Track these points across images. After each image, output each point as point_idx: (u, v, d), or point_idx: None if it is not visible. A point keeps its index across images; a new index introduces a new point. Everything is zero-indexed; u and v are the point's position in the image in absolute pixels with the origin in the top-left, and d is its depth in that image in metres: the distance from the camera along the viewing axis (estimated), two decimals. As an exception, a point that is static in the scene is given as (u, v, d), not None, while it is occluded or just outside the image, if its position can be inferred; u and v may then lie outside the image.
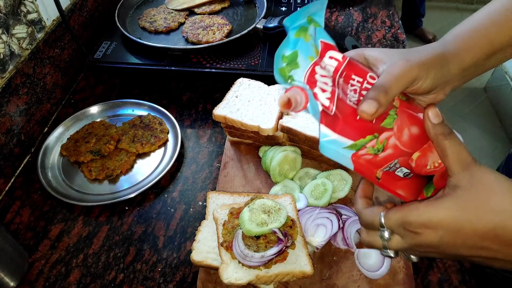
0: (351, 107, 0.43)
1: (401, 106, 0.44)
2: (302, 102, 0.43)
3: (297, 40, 0.44)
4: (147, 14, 0.97)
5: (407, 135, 0.45)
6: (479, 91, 2.44)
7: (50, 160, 0.75)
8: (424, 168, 0.47)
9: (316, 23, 0.46)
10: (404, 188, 0.50)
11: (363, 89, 0.43)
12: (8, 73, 0.73)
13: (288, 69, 0.44)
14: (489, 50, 0.47)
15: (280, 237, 0.52)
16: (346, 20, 1.08)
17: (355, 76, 0.43)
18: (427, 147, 0.46)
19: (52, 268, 0.62)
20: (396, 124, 0.44)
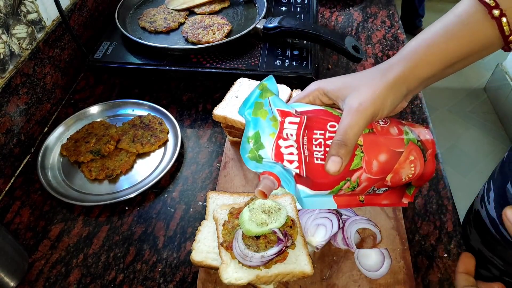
0: (320, 164, 0.46)
1: (365, 141, 0.47)
2: (275, 184, 0.46)
3: (256, 120, 0.48)
4: (147, 14, 0.97)
5: (376, 166, 0.47)
6: (479, 91, 2.44)
7: (50, 160, 0.75)
8: (399, 182, 0.51)
9: (269, 91, 0.48)
10: (387, 198, 0.53)
11: (327, 139, 0.46)
12: (8, 73, 0.73)
13: (256, 150, 0.47)
14: (447, 63, 0.47)
15: (280, 237, 0.52)
16: (346, 20, 1.08)
17: (316, 130, 0.46)
18: (398, 167, 0.48)
19: (52, 268, 0.62)
20: (364, 161, 0.47)
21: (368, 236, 0.61)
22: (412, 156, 0.48)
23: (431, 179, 0.71)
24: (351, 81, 0.48)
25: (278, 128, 0.46)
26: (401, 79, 0.46)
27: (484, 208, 0.74)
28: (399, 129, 0.49)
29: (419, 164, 0.49)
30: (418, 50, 0.47)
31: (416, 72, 0.47)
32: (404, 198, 0.54)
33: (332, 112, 0.48)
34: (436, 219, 0.66)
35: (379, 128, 0.48)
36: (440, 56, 0.47)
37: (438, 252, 0.62)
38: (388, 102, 0.46)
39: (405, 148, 0.48)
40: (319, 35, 0.83)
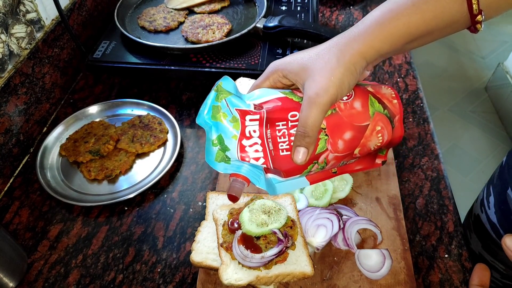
0: (286, 155, 0.47)
1: (328, 124, 0.47)
2: (244, 185, 0.47)
3: (216, 124, 0.47)
4: (146, 13, 0.96)
5: (342, 145, 0.47)
6: (479, 90, 2.43)
7: (49, 160, 0.75)
8: (369, 151, 0.50)
9: (225, 91, 0.48)
10: (359, 164, 0.53)
11: (290, 129, 0.46)
12: (7, 72, 0.73)
13: (223, 151, 0.47)
14: (408, 39, 0.46)
15: (280, 237, 0.51)
16: (346, 19, 1.07)
17: (278, 122, 0.47)
18: (365, 140, 0.48)
19: (51, 268, 0.62)
20: (329, 143, 0.47)
21: (369, 237, 0.61)
22: (379, 127, 0.48)
23: (432, 180, 0.71)
24: (308, 63, 0.46)
25: (239, 128, 0.47)
26: (359, 55, 0.45)
27: (484, 213, 0.74)
28: (364, 102, 0.48)
29: (386, 132, 0.49)
30: (379, 22, 0.46)
31: (375, 46, 0.45)
32: (377, 159, 0.54)
33: (292, 99, 0.48)
34: (437, 219, 0.66)
35: (342, 106, 0.47)
36: (402, 31, 0.45)
37: (439, 252, 0.62)
38: (346, 84, 0.45)
39: (371, 120, 0.47)
40: (319, 34, 0.83)
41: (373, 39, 0.45)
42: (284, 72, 0.49)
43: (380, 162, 0.54)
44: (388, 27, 0.45)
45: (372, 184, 0.67)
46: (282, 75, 0.49)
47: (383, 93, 0.50)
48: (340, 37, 0.47)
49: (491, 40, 2.74)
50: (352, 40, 0.46)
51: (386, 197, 0.65)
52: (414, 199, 0.68)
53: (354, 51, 0.45)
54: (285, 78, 0.49)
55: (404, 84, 0.89)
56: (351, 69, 0.45)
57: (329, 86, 0.44)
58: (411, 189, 0.70)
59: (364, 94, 0.49)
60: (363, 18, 0.48)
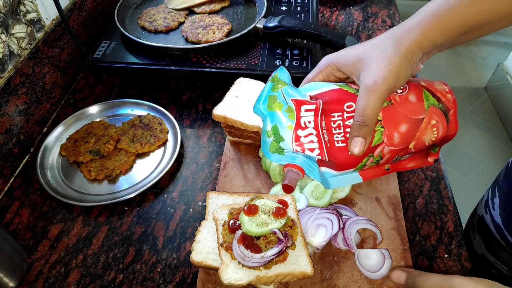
0: (341, 147, 0.46)
1: (385, 115, 0.46)
2: (299, 175, 0.47)
3: (271, 114, 0.47)
4: (146, 14, 0.96)
5: (397, 138, 0.47)
6: (479, 90, 2.43)
7: (49, 160, 0.75)
8: (423, 147, 0.50)
9: (282, 81, 0.48)
10: (412, 161, 0.52)
11: (345, 120, 0.46)
12: (7, 72, 0.73)
13: (277, 142, 0.47)
14: (463, 30, 0.46)
15: (280, 237, 0.51)
16: (346, 19, 1.07)
17: (334, 113, 0.46)
18: (420, 134, 0.47)
19: (51, 268, 0.62)
20: (385, 136, 0.46)
21: (369, 237, 0.61)
22: (434, 120, 0.47)
23: (432, 180, 0.71)
24: (364, 54, 0.46)
25: (295, 118, 0.46)
26: (415, 45, 0.45)
27: (488, 214, 0.74)
28: (419, 95, 0.48)
29: (441, 126, 0.48)
30: (436, 14, 0.45)
31: (431, 37, 0.45)
32: (429, 157, 0.53)
33: (348, 90, 0.48)
34: (437, 219, 0.66)
35: (397, 99, 0.47)
36: (458, 22, 0.45)
37: (439, 252, 0.62)
38: (403, 73, 0.44)
39: (426, 113, 0.47)
40: (319, 34, 0.83)
41: (430, 30, 0.45)
42: (338, 65, 0.48)
43: (432, 160, 0.53)
44: (444, 18, 0.45)
45: (372, 184, 0.67)
46: (336, 68, 0.49)
47: (437, 88, 0.50)
48: (396, 29, 0.47)
49: (491, 41, 2.74)
50: (408, 30, 0.45)
51: (386, 197, 0.65)
52: (414, 199, 0.68)
53: (410, 41, 0.45)
54: (339, 71, 0.49)
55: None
56: (408, 58, 0.44)
57: (387, 75, 0.43)
58: (411, 189, 0.70)
59: (418, 88, 0.49)
60: (419, 10, 0.48)
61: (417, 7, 0.51)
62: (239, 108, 0.69)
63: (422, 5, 0.49)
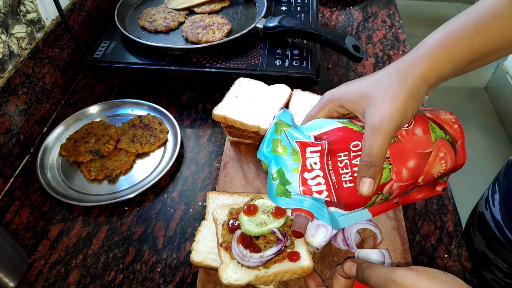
0: (349, 187, 0.45)
1: (392, 152, 0.46)
2: (308, 219, 0.46)
3: (276, 157, 0.47)
4: (146, 14, 0.96)
5: (406, 174, 0.46)
6: (479, 91, 2.43)
7: (49, 160, 0.75)
8: (432, 179, 0.49)
9: (285, 124, 0.48)
10: (420, 193, 0.52)
11: (352, 159, 0.45)
12: (7, 72, 0.73)
13: (283, 185, 0.46)
14: (470, 60, 0.45)
15: (279, 237, 0.51)
16: (346, 19, 1.07)
17: (340, 153, 0.45)
18: (428, 168, 0.47)
19: (51, 268, 0.62)
20: (393, 172, 0.46)
21: (369, 237, 0.61)
22: (442, 153, 0.47)
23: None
24: (367, 91, 0.45)
25: (300, 161, 0.46)
26: (421, 79, 0.43)
27: (488, 211, 0.74)
28: (425, 128, 0.47)
29: (449, 158, 0.47)
30: (441, 44, 0.44)
31: (437, 69, 0.44)
32: (438, 186, 0.53)
33: (353, 128, 0.47)
34: (436, 219, 0.66)
35: (404, 133, 0.46)
36: (464, 52, 0.44)
37: (439, 252, 0.62)
38: (410, 110, 0.43)
39: (434, 146, 0.46)
40: (319, 34, 0.83)
41: (436, 62, 0.44)
42: (341, 101, 0.47)
43: (440, 189, 0.53)
44: (451, 48, 0.44)
45: (372, 184, 0.67)
46: (339, 105, 0.48)
47: (443, 119, 0.49)
48: (400, 62, 0.45)
49: (491, 41, 2.73)
50: (413, 63, 0.44)
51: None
52: (413, 199, 0.68)
53: (416, 75, 0.43)
54: (342, 107, 0.48)
55: (404, 84, 0.89)
56: (414, 94, 0.43)
57: (393, 113, 0.42)
58: (411, 189, 0.70)
59: (424, 121, 0.48)
60: (422, 41, 0.46)
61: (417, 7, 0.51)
62: (239, 108, 0.69)
63: (422, 5, 0.48)
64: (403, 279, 0.37)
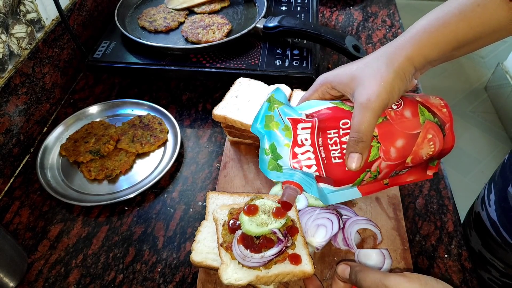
0: (338, 163, 0.47)
1: (380, 131, 0.47)
2: (297, 192, 0.48)
3: (269, 133, 0.48)
4: (146, 14, 0.96)
5: (394, 153, 0.48)
6: (479, 90, 2.43)
7: (49, 160, 0.75)
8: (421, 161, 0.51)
9: (278, 101, 0.50)
10: (411, 175, 0.53)
11: (342, 137, 0.47)
12: (7, 73, 0.73)
13: (275, 160, 0.48)
14: (454, 46, 0.47)
15: (280, 237, 0.51)
16: (346, 19, 1.07)
17: (330, 130, 0.47)
18: (417, 148, 0.48)
19: (51, 268, 0.62)
20: (381, 151, 0.47)
21: (369, 237, 0.61)
22: (430, 135, 0.48)
23: (432, 180, 0.71)
24: (357, 73, 0.47)
25: (292, 136, 0.47)
26: (407, 61, 0.46)
27: (484, 211, 0.74)
28: (414, 110, 0.49)
29: (438, 140, 0.49)
30: (427, 30, 0.47)
31: (423, 53, 0.46)
32: (428, 170, 0.54)
33: (343, 108, 0.49)
34: (436, 219, 0.66)
35: (392, 114, 0.48)
36: (449, 38, 0.46)
37: (439, 252, 0.62)
38: (396, 89, 0.46)
39: (422, 128, 0.48)
40: (319, 34, 0.83)
41: (421, 46, 0.46)
42: (333, 83, 0.50)
43: (431, 173, 0.54)
44: (436, 34, 0.46)
45: (372, 184, 0.67)
46: (331, 87, 0.50)
47: (432, 102, 0.51)
48: (387, 47, 0.48)
49: (491, 40, 2.73)
50: (400, 48, 0.47)
51: (385, 197, 0.65)
52: (414, 199, 0.68)
53: (402, 58, 0.46)
54: (334, 89, 0.50)
55: (404, 84, 0.89)
56: (401, 75, 0.46)
57: (380, 92, 0.44)
58: (411, 189, 0.70)
59: (413, 103, 0.50)
60: (409, 27, 0.49)
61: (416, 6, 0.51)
62: (239, 108, 0.69)
63: (421, 4, 0.49)
64: (395, 285, 0.38)
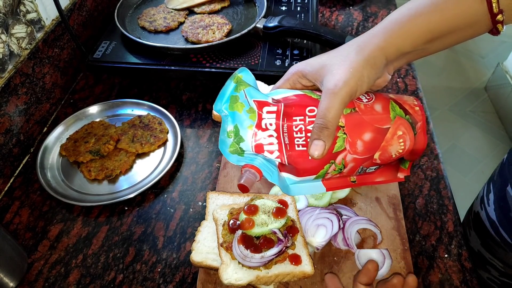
0: (302, 151, 0.45)
1: (347, 122, 0.46)
2: (256, 177, 0.46)
3: (233, 114, 0.47)
4: (146, 14, 0.96)
5: (361, 146, 0.46)
6: (479, 90, 2.43)
7: (49, 160, 0.75)
8: (390, 159, 0.48)
9: (244, 83, 0.48)
10: (380, 175, 0.51)
11: (307, 125, 0.45)
12: (7, 73, 0.73)
13: (237, 143, 0.47)
14: (427, 38, 0.46)
15: (280, 237, 0.51)
16: (346, 19, 1.07)
17: (296, 117, 0.45)
18: (385, 144, 0.47)
19: (51, 268, 0.62)
20: (347, 142, 0.45)
21: (369, 237, 0.61)
22: (400, 131, 0.47)
23: (432, 179, 0.71)
24: (327, 61, 0.46)
25: (256, 119, 0.46)
26: (378, 51, 0.45)
27: (484, 210, 0.74)
28: (385, 105, 0.47)
29: (408, 138, 0.47)
30: (399, 21, 0.46)
31: (395, 44, 0.45)
32: (399, 173, 0.52)
33: (311, 96, 0.47)
34: (436, 219, 0.66)
35: (362, 107, 0.46)
36: (422, 29, 0.45)
37: (439, 252, 0.62)
38: (365, 77, 0.44)
39: (392, 123, 0.46)
40: (319, 34, 0.83)
41: (393, 36, 0.45)
42: (303, 72, 0.49)
43: (402, 176, 0.52)
44: (408, 24, 0.45)
45: (372, 184, 0.67)
46: (302, 75, 0.49)
47: (405, 100, 0.50)
48: (360, 37, 0.47)
49: (491, 40, 2.74)
50: (371, 37, 0.46)
51: (385, 197, 0.65)
52: (414, 199, 0.68)
53: (373, 46, 0.45)
54: (304, 78, 0.49)
55: (404, 84, 0.89)
56: (371, 63, 0.44)
57: (348, 78, 0.43)
58: (411, 189, 0.70)
59: (385, 99, 0.48)
60: (383, 19, 0.48)
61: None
62: (239, 108, 0.69)
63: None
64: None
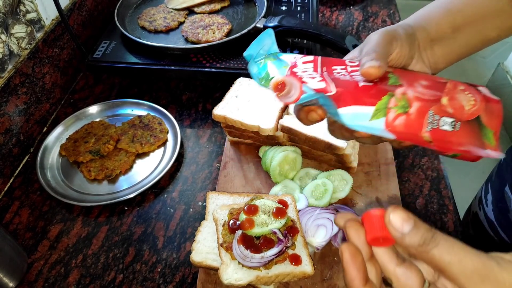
0: (350, 80, 0.40)
1: (396, 70, 0.43)
2: (296, 91, 0.39)
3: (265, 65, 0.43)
4: (146, 13, 0.96)
5: (420, 86, 0.40)
6: (479, 90, 2.43)
7: (49, 160, 0.75)
8: (463, 110, 0.41)
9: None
10: (463, 142, 0.41)
11: (350, 72, 0.41)
12: (7, 72, 0.73)
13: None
14: (452, 24, 0.47)
15: (280, 237, 0.51)
16: (346, 19, 1.07)
17: (336, 66, 0.42)
18: (452, 88, 0.41)
19: (51, 268, 0.62)
20: (402, 80, 0.41)
21: (369, 237, 0.61)
22: (462, 86, 0.42)
23: (432, 179, 0.71)
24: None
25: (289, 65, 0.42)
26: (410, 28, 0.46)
27: (482, 211, 0.74)
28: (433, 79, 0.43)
29: (475, 93, 0.42)
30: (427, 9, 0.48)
31: (422, 25, 0.47)
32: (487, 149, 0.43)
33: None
34: (437, 219, 0.66)
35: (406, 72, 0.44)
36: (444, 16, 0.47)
37: (439, 252, 0.61)
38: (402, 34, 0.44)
39: (449, 81, 0.42)
40: (319, 34, 0.83)
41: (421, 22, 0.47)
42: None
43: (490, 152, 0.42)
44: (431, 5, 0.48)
45: (372, 184, 0.67)
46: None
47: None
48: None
49: (491, 40, 2.73)
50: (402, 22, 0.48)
51: (386, 197, 0.65)
52: (414, 199, 0.68)
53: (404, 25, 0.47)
54: None
55: (404, 84, 0.89)
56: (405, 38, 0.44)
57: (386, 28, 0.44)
58: (411, 189, 0.70)
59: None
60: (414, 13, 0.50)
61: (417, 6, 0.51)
62: (239, 108, 0.69)
63: (422, 4, 0.49)
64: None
